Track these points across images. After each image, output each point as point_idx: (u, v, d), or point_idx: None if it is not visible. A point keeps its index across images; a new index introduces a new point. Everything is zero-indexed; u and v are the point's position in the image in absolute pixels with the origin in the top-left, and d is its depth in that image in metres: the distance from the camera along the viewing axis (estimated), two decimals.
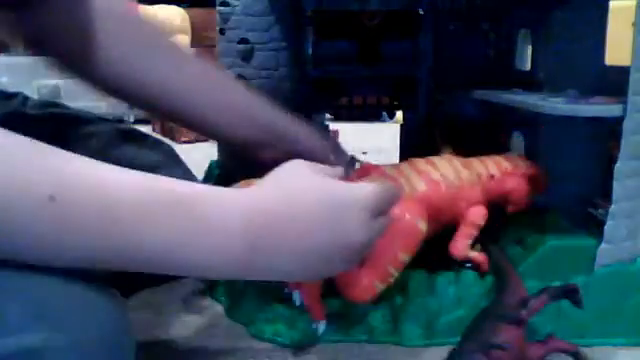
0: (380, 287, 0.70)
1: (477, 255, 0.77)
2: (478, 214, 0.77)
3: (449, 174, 0.76)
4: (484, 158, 0.82)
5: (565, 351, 0.68)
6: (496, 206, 0.80)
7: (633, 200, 0.74)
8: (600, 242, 0.74)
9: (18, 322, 0.34)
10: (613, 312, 0.74)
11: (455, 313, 0.75)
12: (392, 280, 0.71)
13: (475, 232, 0.77)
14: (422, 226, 0.71)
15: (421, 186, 0.74)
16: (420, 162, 0.78)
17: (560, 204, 0.85)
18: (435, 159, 0.79)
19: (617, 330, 0.74)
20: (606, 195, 0.74)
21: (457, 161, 0.79)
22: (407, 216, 0.70)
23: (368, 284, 0.69)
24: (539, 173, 0.83)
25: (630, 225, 0.75)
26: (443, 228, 0.77)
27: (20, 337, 0.33)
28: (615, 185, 0.72)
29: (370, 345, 0.76)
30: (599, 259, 0.74)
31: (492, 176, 0.79)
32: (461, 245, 0.77)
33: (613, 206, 0.73)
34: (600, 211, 0.79)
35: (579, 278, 0.73)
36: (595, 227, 0.76)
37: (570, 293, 0.67)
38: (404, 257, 0.70)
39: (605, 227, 0.74)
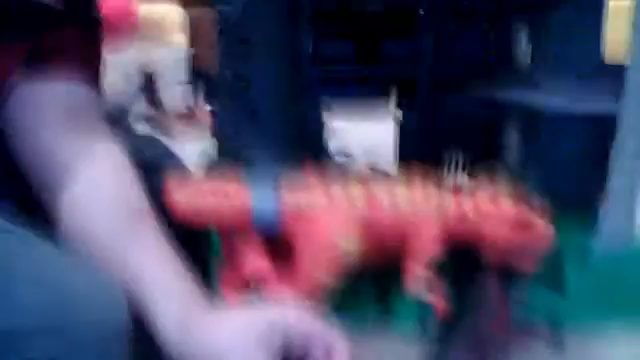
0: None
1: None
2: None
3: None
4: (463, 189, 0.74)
5: (540, 337, 0.68)
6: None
7: (629, 195, 0.75)
8: (597, 235, 0.75)
9: (30, 303, 0.36)
10: (610, 300, 0.75)
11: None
12: (313, 299, 0.63)
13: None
14: (345, 245, 0.63)
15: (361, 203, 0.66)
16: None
17: (560, 203, 0.85)
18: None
19: (614, 317, 0.75)
20: (605, 193, 0.74)
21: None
22: (326, 232, 0.62)
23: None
24: (533, 219, 0.74)
25: (626, 217, 0.75)
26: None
27: (31, 316, 0.37)
28: (612, 181, 0.73)
29: (363, 336, 0.75)
30: (596, 248, 0.75)
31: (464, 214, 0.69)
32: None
33: (610, 200, 0.74)
34: (600, 210, 0.79)
35: (577, 271, 0.74)
36: (595, 225, 0.76)
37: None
38: (321, 275, 0.63)
39: (601, 218, 0.74)
